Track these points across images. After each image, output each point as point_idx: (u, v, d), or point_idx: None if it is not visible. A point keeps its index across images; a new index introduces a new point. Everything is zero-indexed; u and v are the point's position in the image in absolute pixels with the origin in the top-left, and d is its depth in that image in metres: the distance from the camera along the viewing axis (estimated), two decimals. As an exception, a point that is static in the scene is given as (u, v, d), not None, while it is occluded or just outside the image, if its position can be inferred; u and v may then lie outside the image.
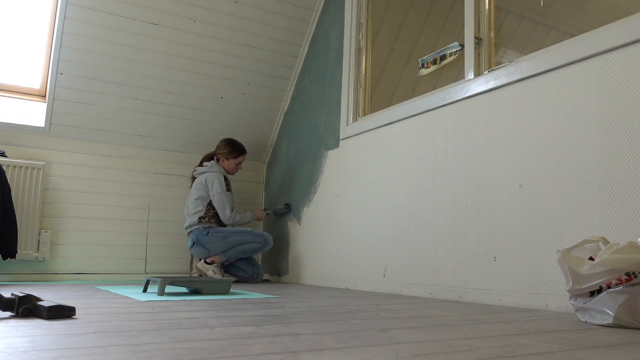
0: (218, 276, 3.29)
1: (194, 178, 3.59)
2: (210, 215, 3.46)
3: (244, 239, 3.38)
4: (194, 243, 3.39)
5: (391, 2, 3.41)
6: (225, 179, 3.52)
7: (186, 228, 3.49)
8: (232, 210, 3.47)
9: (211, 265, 3.35)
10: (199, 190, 3.47)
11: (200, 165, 3.59)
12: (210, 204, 3.46)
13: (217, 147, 3.62)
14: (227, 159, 3.58)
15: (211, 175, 3.46)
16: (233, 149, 3.60)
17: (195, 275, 3.43)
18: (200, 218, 3.42)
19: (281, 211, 3.81)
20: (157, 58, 3.50)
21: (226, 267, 3.48)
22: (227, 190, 3.47)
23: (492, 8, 2.44)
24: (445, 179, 2.45)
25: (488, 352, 1.00)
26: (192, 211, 3.46)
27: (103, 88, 3.45)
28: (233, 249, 3.35)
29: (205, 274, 3.33)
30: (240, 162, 3.63)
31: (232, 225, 3.51)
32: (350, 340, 1.11)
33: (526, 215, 2.04)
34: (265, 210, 3.79)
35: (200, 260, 3.43)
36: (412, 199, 2.64)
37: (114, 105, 3.53)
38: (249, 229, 3.46)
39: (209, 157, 3.65)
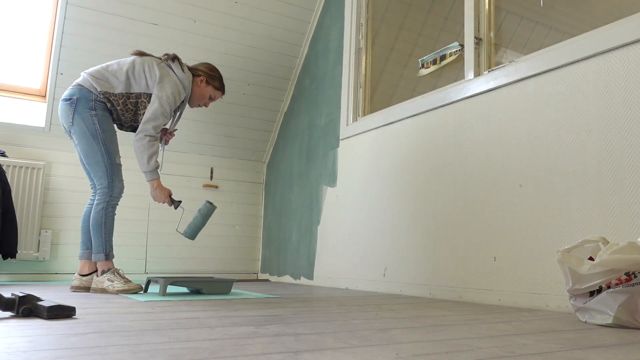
0: (117, 282, 2.35)
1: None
2: (108, 101, 2.40)
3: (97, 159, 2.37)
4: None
5: (391, 2, 3.41)
6: (182, 101, 2.55)
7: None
8: (155, 135, 2.42)
9: (104, 275, 2.38)
10: (139, 69, 2.45)
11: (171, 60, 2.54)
12: (120, 96, 2.41)
13: (201, 64, 2.69)
14: (207, 83, 2.64)
15: (170, 77, 2.46)
16: (220, 81, 2.68)
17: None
18: (104, 91, 2.38)
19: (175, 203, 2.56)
20: (157, 58, 3.50)
21: None
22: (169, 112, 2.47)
23: (492, 8, 2.44)
24: (445, 179, 2.45)
25: (488, 352, 1.00)
26: (106, 69, 2.43)
27: (103, 88, 3.45)
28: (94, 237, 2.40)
29: (104, 290, 2.34)
30: (214, 99, 2.71)
31: (135, 146, 2.42)
32: (350, 340, 1.11)
33: (526, 215, 2.04)
34: (173, 200, 2.54)
35: None
36: (412, 199, 2.64)
37: (114, 105, 3.53)
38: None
39: (175, 59, 2.57)
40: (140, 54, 2.55)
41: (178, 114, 2.65)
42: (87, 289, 2.44)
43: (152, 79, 2.46)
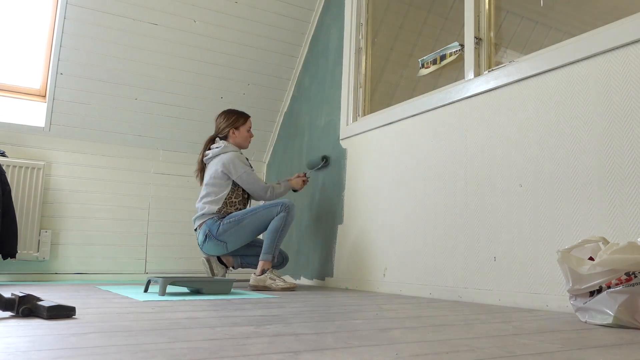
0: (279, 280, 2.73)
1: (202, 166, 3.08)
2: (229, 205, 2.90)
3: (259, 216, 2.79)
4: (205, 237, 2.83)
5: (391, 2, 3.41)
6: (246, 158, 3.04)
7: (195, 220, 2.94)
8: (266, 184, 2.97)
9: (265, 274, 2.76)
10: (214, 177, 2.92)
11: (208, 149, 3.07)
12: (229, 194, 2.91)
13: (220, 123, 3.10)
14: (236, 128, 3.05)
15: (228, 156, 2.92)
16: (238, 115, 3.09)
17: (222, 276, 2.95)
18: (218, 209, 2.87)
19: (318, 164, 3.32)
20: (157, 58, 3.50)
21: (247, 258, 3.02)
22: (250, 167, 3.00)
23: (492, 8, 2.44)
24: (445, 179, 2.45)
25: (488, 352, 1.00)
26: (204, 202, 2.92)
27: (103, 88, 3.45)
28: (268, 241, 2.78)
29: (266, 287, 2.74)
30: (250, 128, 3.11)
31: (272, 200, 2.97)
32: (350, 340, 1.11)
33: (526, 215, 2.04)
34: (304, 175, 3.20)
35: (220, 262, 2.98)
36: (412, 199, 2.64)
37: (114, 105, 3.53)
38: (262, 202, 2.89)
39: (212, 140, 3.12)
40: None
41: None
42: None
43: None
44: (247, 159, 3.02)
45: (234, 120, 3.07)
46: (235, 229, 2.81)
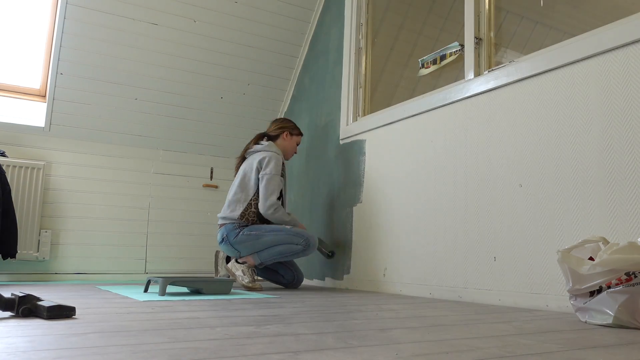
0: (247, 278, 2.76)
1: (242, 159, 3.08)
2: (252, 211, 2.87)
3: (279, 238, 2.80)
4: (223, 239, 2.86)
5: (391, 2, 3.41)
6: (283, 165, 2.98)
7: (219, 217, 2.95)
8: (278, 199, 2.87)
9: (242, 265, 2.82)
10: (247, 171, 2.94)
11: (256, 143, 3.06)
12: (256, 195, 2.89)
13: (276, 124, 3.14)
14: (291, 134, 3.10)
15: (268, 154, 2.92)
16: (295, 125, 3.15)
17: (224, 275, 2.98)
18: (241, 214, 2.85)
19: (323, 253, 3.18)
20: (157, 58, 3.50)
21: (261, 271, 3.01)
22: (281, 176, 2.93)
23: (492, 8, 2.44)
24: (445, 179, 2.45)
25: (488, 352, 1.00)
26: (230, 199, 2.92)
27: (103, 88, 3.45)
28: (267, 250, 2.81)
29: (234, 274, 2.81)
30: (299, 144, 3.18)
31: (270, 218, 2.86)
32: (350, 340, 1.11)
33: (526, 215, 2.04)
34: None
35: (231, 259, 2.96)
36: (411, 199, 2.64)
37: (114, 105, 3.53)
38: (289, 227, 2.85)
39: (261, 137, 3.11)
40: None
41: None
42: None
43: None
44: (284, 168, 2.99)
45: (292, 127, 3.13)
46: (253, 242, 2.80)
